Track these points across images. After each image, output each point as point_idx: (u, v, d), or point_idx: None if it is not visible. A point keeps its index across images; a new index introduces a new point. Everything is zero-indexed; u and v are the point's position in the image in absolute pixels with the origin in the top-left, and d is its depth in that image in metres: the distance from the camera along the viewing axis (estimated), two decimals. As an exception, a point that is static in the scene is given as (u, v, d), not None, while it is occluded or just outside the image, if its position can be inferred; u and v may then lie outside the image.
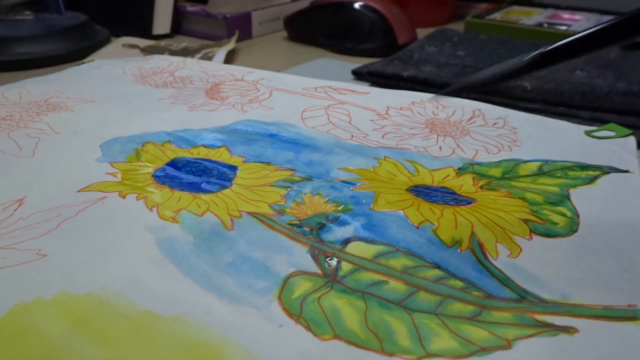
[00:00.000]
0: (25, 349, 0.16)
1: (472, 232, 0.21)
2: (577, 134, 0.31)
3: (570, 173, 0.26)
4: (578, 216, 0.23)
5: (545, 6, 0.64)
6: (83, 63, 0.44)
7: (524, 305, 0.18)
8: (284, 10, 0.58)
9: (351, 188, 0.24)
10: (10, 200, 0.23)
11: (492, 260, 0.20)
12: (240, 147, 0.28)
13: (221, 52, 0.47)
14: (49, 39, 0.46)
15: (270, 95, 0.36)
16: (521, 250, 0.20)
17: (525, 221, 0.22)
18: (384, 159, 0.27)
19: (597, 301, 0.18)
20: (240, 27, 0.54)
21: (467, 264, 0.19)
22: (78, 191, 0.24)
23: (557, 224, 0.22)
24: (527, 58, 0.19)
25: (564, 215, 0.23)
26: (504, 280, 0.19)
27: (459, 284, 0.18)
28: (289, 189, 0.24)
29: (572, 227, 0.22)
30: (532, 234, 0.21)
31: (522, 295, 0.18)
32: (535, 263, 0.20)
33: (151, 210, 0.22)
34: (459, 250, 0.20)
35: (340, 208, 0.23)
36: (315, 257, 0.20)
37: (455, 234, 0.21)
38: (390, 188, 0.24)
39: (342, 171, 0.26)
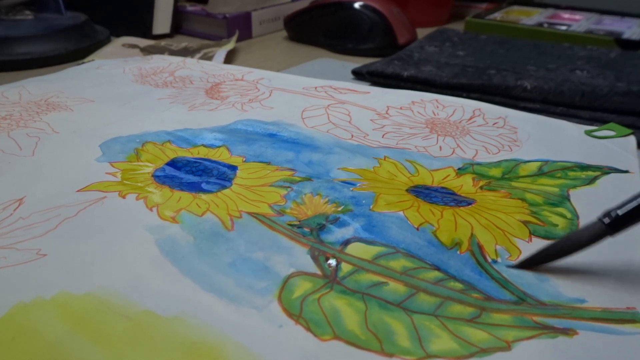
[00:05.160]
0: (25, 348, 0.16)
1: (472, 234, 0.21)
2: (577, 133, 0.31)
3: (570, 173, 0.26)
4: (578, 217, 0.23)
5: (545, 6, 0.64)
6: (83, 63, 0.43)
7: (523, 308, 0.18)
8: (284, 10, 0.58)
9: (351, 188, 0.24)
10: (10, 199, 0.23)
11: (491, 262, 0.20)
12: (240, 146, 0.28)
13: (221, 52, 0.47)
14: (49, 39, 0.46)
15: (270, 95, 0.36)
16: (521, 252, 0.20)
17: (525, 223, 0.22)
18: (384, 159, 0.27)
19: (596, 303, 0.18)
20: (240, 27, 0.54)
21: (467, 266, 0.19)
22: (78, 191, 0.24)
23: (556, 225, 0.22)
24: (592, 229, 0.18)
25: (563, 216, 0.23)
26: (503, 283, 0.19)
27: (459, 285, 0.18)
28: (289, 189, 0.24)
29: (572, 228, 0.22)
30: (532, 236, 0.21)
31: (522, 298, 0.18)
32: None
33: (151, 210, 0.22)
34: (458, 252, 0.20)
35: (340, 209, 0.23)
36: (315, 258, 0.20)
37: (455, 236, 0.21)
38: (390, 188, 0.24)
39: (342, 171, 0.26)
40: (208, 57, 0.46)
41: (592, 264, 0.20)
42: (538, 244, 0.21)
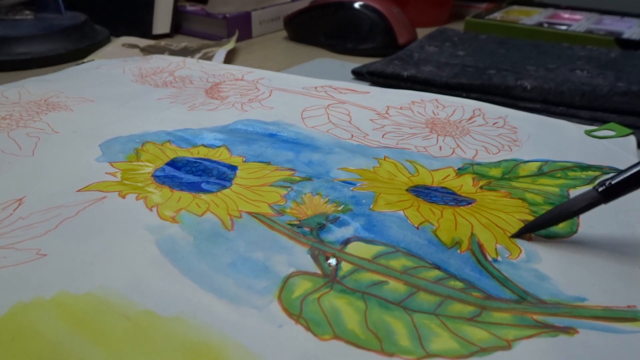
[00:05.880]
0: (25, 348, 0.16)
1: (472, 233, 0.21)
2: (577, 133, 0.31)
3: (570, 174, 0.26)
4: (577, 217, 0.23)
5: (545, 6, 0.64)
6: (83, 63, 0.43)
7: (524, 307, 0.18)
8: (284, 10, 0.58)
9: (351, 188, 0.24)
10: (10, 199, 0.23)
11: (491, 261, 0.20)
12: (240, 146, 0.28)
13: (221, 52, 0.47)
14: (49, 38, 0.46)
15: (270, 95, 0.36)
16: (521, 251, 0.20)
17: (525, 222, 0.22)
18: (384, 159, 0.27)
19: (596, 302, 0.18)
20: (240, 27, 0.54)
21: (467, 265, 0.19)
22: (78, 191, 0.24)
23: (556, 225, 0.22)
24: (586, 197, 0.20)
25: (563, 215, 0.23)
26: (504, 282, 0.19)
27: (459, 284, 0.18)
28: (288, 189, 0.24)
29: (572, 228, 0.22)
30: (532, 235, 0.21)
31: (522, 297, 0.18)
32: (535, 264, 0.20)
33: (151, 210, 0.22)
34: (458, 251, 0.20)
35: (340, 208, 0.23)
36: (315, 258, 0.20)
37: (455, 235, 0.21)
38: (390, 188, 0.24)
39: (342, 171, 0.26)
40: (208, 57, 0.46)
41: (592, 263, 0.20)
42: (538, 243, 0.21)
